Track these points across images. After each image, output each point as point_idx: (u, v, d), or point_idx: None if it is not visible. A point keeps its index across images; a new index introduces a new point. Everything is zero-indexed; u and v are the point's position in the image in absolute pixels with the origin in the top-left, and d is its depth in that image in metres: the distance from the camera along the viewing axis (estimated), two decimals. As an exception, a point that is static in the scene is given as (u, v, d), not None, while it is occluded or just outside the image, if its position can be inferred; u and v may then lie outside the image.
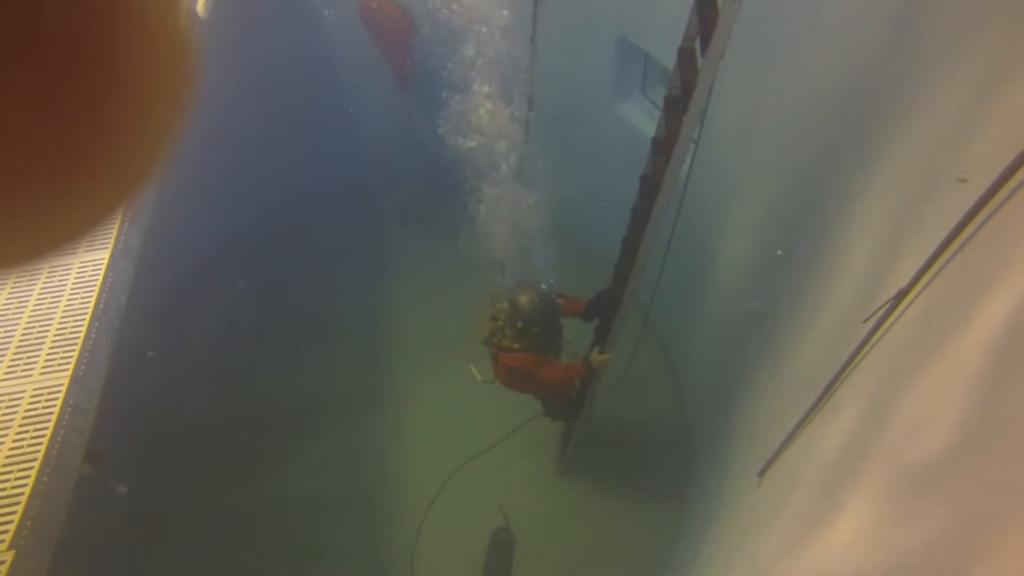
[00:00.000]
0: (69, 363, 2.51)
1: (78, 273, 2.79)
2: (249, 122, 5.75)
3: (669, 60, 2.75)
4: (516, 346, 3.87)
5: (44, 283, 2.79)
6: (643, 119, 4.91)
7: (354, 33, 5.89)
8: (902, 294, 1.65)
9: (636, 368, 4.60)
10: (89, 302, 2.69)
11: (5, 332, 2.64)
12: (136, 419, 4.93)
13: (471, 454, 5.16)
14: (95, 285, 2.74)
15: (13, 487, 2.18)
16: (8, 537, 2.07)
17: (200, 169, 4.10)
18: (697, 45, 2.49)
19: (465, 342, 4.06)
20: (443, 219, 6.73)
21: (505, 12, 3.73)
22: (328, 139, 6.74)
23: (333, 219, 7.01)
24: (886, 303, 1.72)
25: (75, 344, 2.57)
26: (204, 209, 5.98)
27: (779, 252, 3.35)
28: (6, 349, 2.58)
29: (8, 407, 2.39)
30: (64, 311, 2.68)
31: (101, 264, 2.79)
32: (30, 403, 2.40)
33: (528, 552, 4.89)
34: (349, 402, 5.71)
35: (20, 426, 2.34)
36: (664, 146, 2.79)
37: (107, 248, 2.83)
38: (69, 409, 2.39)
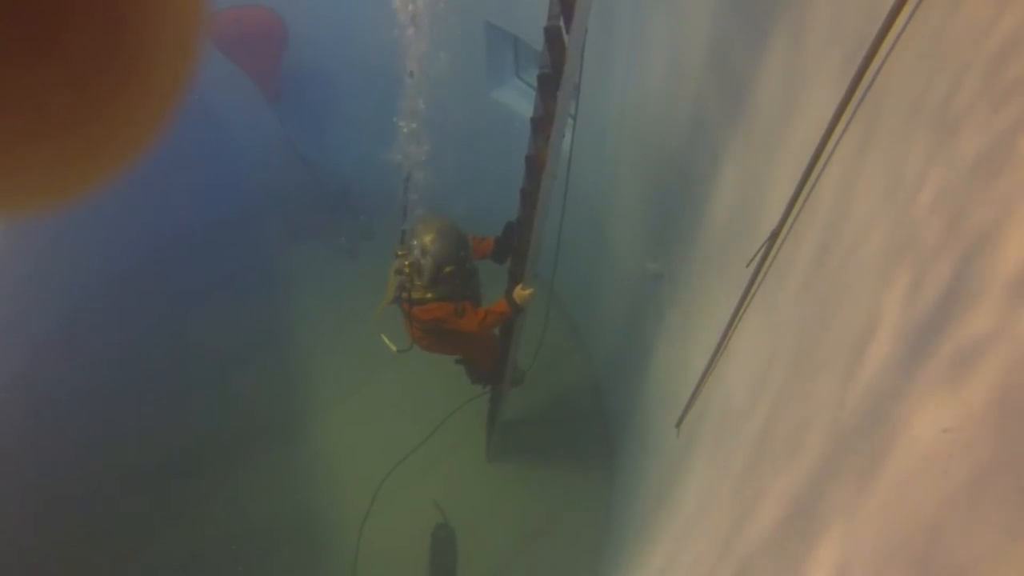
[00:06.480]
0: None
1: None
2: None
3: (537, 40, 2.81)
4: (429, 295, 3.44)
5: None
6: (521, 101, 4.98)
7: (211, 50, 5.63)
8: (774, 235, 1.77)
9: (547, 346, 4.67)
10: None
11: None
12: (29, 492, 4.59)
13: (400, 458, 5.12)
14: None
15: None
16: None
17: (66, 213, 3.81)
18: (561, 23, 2.57)
19: (375, 318, 3.60)
20: (334, 228, 6.59)
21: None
22: (204, 167, 6.36)
23: (220, 249, 6.58)
24: (762, 245, 1.84)
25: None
26: (77, 253, 5.58)
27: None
28: None
29: None
30: None
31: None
32: None
33: (470, 542, 4.91)
34: (267, 433, 5.49)
35: None
36: (543, 124, 2.84)
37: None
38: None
